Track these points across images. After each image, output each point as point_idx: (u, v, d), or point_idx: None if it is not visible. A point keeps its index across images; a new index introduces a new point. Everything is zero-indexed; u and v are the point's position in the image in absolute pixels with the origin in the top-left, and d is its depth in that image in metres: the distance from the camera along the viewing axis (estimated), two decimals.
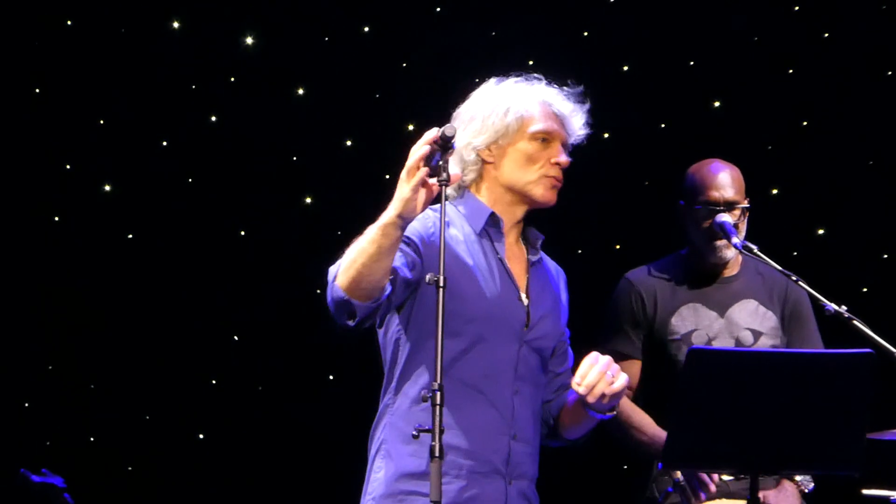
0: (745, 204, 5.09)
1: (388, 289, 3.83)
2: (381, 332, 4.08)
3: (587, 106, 4.19)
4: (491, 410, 3.95)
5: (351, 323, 3.82)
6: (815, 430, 3.92)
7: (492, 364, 3.96)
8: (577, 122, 4.16)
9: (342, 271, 3.79)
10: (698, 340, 5.06)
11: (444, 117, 4.09)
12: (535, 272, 4.16)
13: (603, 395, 3.83)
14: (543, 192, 4.09)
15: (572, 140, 4.16)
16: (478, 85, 4.19)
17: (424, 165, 3.68)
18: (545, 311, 4.11)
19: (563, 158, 4.09)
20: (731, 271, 5.17)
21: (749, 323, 5.10)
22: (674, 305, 5.12)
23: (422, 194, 3.71)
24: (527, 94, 4.14)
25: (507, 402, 3.96)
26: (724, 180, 5.08)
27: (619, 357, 5.08)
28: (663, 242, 5.48)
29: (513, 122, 4.08)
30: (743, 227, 5.07)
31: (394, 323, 4.03)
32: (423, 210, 3.74)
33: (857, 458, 3.97)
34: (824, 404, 3.90)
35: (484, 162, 4.12)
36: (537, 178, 4.07)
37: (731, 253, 5.06)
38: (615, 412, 3.97)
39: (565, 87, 4.20)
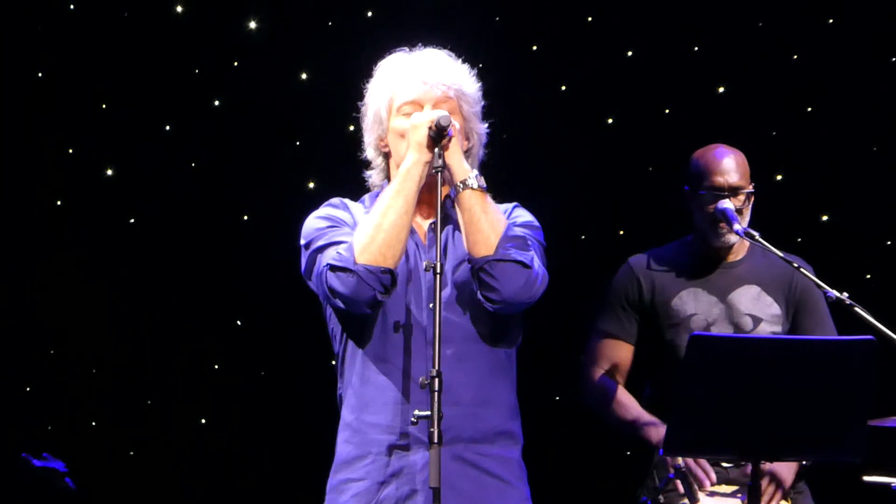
0: (750, 189, 5.08)
1: None
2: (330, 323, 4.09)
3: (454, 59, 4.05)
4: (406, 382, 3.88)
5: (382, 297, 3.82)
6: (816, 416, 3.92)
7: (401, 336, 3.90)
8: (444, 70, 4.00)
9: (361, 249, 3.81)
10: (697, 325, 5.05)
11: None
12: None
13: None
14: None
15: (453, 91, 3.98)
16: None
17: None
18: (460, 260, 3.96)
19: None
20: (735, 256, 5.16)
21: (749, 309, 5.09)
22: (674, 290, 5.11)
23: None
24: (385, 72, 4.07)
25: (422, 370, 3.81)
26: (729, 165, 5.08)
27: (605, 337, 5.13)
28: (668, 228, 5.48)
29: (383, 110, 4.02)
30: (747, 213, 5.06)
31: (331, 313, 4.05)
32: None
33: (859, 445, 3.97)
34: (826, 391, 3.90)
35: (387, 156, 4.08)
36: None
37: (734, 238, 5.05)
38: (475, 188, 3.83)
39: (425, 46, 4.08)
